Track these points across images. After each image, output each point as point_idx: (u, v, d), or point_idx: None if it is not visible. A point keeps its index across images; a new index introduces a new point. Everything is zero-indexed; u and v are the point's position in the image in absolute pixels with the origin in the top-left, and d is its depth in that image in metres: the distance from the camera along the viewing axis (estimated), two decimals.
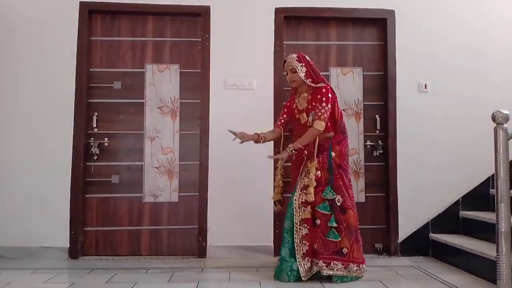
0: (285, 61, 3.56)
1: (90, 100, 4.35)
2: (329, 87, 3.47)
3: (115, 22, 4.46)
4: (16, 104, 4.22)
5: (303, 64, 3.47)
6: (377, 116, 4.50)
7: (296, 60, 3.49)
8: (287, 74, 3.55)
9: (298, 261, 3.36)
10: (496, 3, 4.56)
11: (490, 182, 4.30)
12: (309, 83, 3.47)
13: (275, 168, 3.84)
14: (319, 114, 3.37)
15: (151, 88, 4.41)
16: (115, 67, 4.41)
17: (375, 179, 4.48)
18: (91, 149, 4.27)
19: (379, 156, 4.46)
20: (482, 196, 4.32)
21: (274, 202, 3.74)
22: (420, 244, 4.32)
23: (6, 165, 4.18)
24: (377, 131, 4.49)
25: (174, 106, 4.41)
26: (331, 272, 3.33)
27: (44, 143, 4.20)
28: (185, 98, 4.42)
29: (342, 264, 3.35)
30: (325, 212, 3.37)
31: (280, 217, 4.25)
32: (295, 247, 3.39)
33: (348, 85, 4.53)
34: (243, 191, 3.90)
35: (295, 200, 3.43)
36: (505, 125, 2.75)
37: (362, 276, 3.44)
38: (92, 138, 4.31)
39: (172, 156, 4.38)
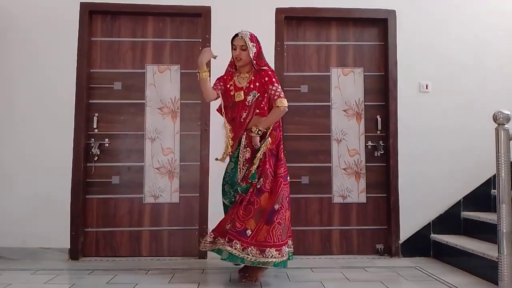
0: (236, 34, 3.47)
1: (90, 101, 4.35)
2: (271, 70, 3.49)
3: (116, 23, 4.45)
4: (16, 105, 4.22)
5: (255, 45, 3.44)
6: (378, 117, 4.49)
7: (249, 38, 3.42)
8: (235, 50, 3.44)
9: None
10: (498, 4, 4.55)
11: (491, 182, 4.28)
12: (255, 65, 3.43)
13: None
14: (277, 93, 3.34)
15: (151, 89, 4.41)
16: (115, 67, 4.41)
17: (376, 180, 4.46)
18: (92, 150, 4.27)
19: (380, 157, 4.45)
20: (483, 196, 4.31)
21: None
22: (421, 245, 4.30)
23: (7, 166, 4.18)
24: (378, 132, 4.48)
25: (175, 106, 4.41)
26: (229, 249, 3.17)
27: (45, 144, 4.19)
28: (186, 98, 4.41)
29: (241, 245, 3.18)
30: (242, 194, 3.31)
31: None
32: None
33: (349, 86, 4.52)
34: None
35: (238, 177, 3.38)
36: (506, 126, 2.76)
37: (269, 263, 3.20)
38: (93, 139, 4.31)
39: (172, 157, 4.37)
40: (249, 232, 3.21)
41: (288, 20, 4.47)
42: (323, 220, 4.41)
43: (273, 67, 4.29)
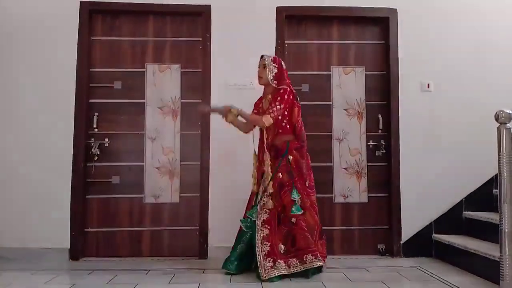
0: (262, 56, 3.70)
1: (90, 100, 4.34)
2: (289, 90, 3.60)
3: (116, 22, 4.44)
4: (16, 104, 4.21)
5: (276, 66, 3.65)
6: (379, 116, 4.47)
7: (272, 60, 3.66)
8: (258, 68, 3.70)
9: (259, 261, 3.38)
10: (500, 3, 4.53)
11: (493, 182, 4.26)
12: (274, 85, 3.61)
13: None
14: (270, 110, 3.52)
15: (151, 88, 4.40)
16: (115, 67, 4.40)
17: (377, 180, 4.45)
18: (92, 150, 4.26)
19: (381, 156, 4.43)
20: (485, 196, 4.29)
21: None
22: (423, 245, 4.28)
23: (7, 165, 4.17)
24: (380, 131, 4.47)
25: (175, 106, 4.39)
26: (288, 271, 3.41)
27: (45, 143, 4.19)
28: (186, 98, 4.40)
29: (297, 259, 3.43)
30: (298, 213, 3.49)
31: None
32: (256, 247, 3.42)
33: (350, 85, 4.51)
34: (244, 191, 3.87)
35: (258, 202, 3.53)
36: (508, 125, 2.75)
37: (323, 266, 3.55)
38: (93, 139, 4.30)
39: (173, 157, 4.36)
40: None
41: (289, 18, 4.45)
42: (325, 220, 4.37)
43: None
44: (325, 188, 4.40)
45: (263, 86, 3.74)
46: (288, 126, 3.62)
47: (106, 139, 4.32)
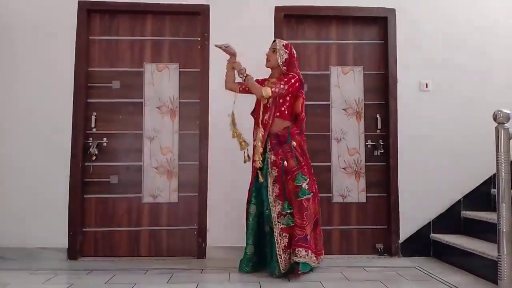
0: (275, 40, 3.72)
1: (88, 100, 4.33)
2: (298, 77, 3.60)
3: (114, 21, 4.44)
4: (14, 104, 4.21)
5: (288, 52, 3.64)
6: (378, 116, 4.47)
7: (283, 45, 3.65)
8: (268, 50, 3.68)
9: (279, 254, 3.40)
10: (498, 2, 4.53)
11: (491, 181, 4.27)
12: (284, 70, 3.62)
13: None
14: (273, 85, 3.50)
15: (150, 88, 4.39)
16: (114, 66, 4.39)
17: (376, 179, 4.45)
18: (90, 149, 4.25)
19: (380, 156, 4.43)
20: (483, 196, 4.29)
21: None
22: (421, 245, 4.29)
23: (5, 165, 4.16)
24: (378, 131, 4.46)
25: (173, 105, 4.39)
26: (297, 259, 3.40)
27: (43, 143, 4.18)
28: (184, 97, 4.40)
29: (305, 251, 3.42)
30: (308, 196, 3.48)
31: None
32: (275, 241, 3.43)
33: (348, 84, 4.51)
34: (243, 191, 3.87)
35: (270, 195, 3.49)
36: (506, 125, 2.75)
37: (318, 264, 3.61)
38: (91, 138, 4.29)
39: (171, 156, 4.36)
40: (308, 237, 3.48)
41: (287, 18, 4.45)
42: (323, 220, 4.35)
43: None
44: (323, 187, 4.39)
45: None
46: (286, 112, 3.58)
47: (104, 139, 4.32)
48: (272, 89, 3.46)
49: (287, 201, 3.45)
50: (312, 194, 3.52)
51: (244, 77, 3.53)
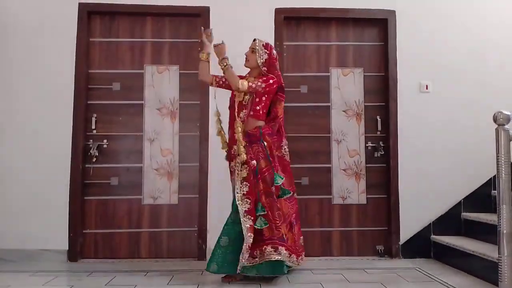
0: (255, 39, 3.62)
1: (89, 102, 4.34)
2: (276, 79, 3.55)
3: (114, 23, 4.44)
4: (15, 106, 4.21)
5: (267, 52, 3.57)
6: (378, 117, 4.47)
7: (263, 45, 3.57)
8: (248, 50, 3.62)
9: (242, 252, 3.23)
10: (497, 4, 4.53)
11: (492, 183, 4.27)
12: (264, 71, 3.54)
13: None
14: (253, 81, 3.46)
15: (150, 89, 4.40)
16: (114, 68, 4.40)
17: (376, 181, 4.45)
18: (90, 151, 4.25)
19: (380, 158, 4.43)
20: (484, 197, 4.29)
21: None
22: (421, 246, 4.28)
23: (5, 167, 4.17)
24: (378, 132, 4.47)
25: (174, 107, 4.39)
26: (279, 257, 3.26)
27: (43, 145, 4.18)
28: (185, 99, 4.40)
29: (286, 249, 3.33)
30: (289, 195, 3.46)
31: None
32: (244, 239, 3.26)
33: (348, 86, 4.51)
34: None
35: (237, 192, 3.37)
36: (506, 126, 2.74)
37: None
38: (91, 140, 4.30)
39: (171, 158, 4.36)
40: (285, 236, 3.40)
41: (287, 20, 4.46)
42: (323, 222, 4.40)
43: None
44: (323, 189, 4.41)
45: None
46: (261, 112, 3.49)
47: (105, 141, 4.32)
48: (249, 84, 3.42)
49: (260, 203, 3.33)
50: (292, 193, 3.50)
51: (225, 65, 3.45)
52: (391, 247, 4.31)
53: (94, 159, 4.28)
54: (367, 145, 4.46)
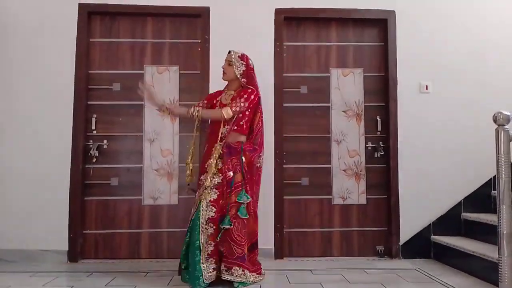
0: (230, 51, 3.61)
1: (89, 102, 4.34)
2: (256, 92, 3.56)
3: (114, 24, 4.44)
4: (15, 106, 4.21)
5: (244, 63, 3.57)
6: (378, 118, 4.47)
7: (239, 57, 3.57)
8: (224, 63, 3.62)
9: (201, 262, 3.24)
10: (497, 4, 4.53)
11: (492, 183, 4.27)
12: (243, 83, 3.56)
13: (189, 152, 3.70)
14: (233, 105, 3.45)
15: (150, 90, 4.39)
16: (114, 68, 4.40)
17: (376, 181, 4.45)
18: (90, 152, 4.25)
19: (380, 158, 4.43)
20: (484, 197, 4.29)
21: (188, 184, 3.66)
22: (421, 246, 4.28)
23: (5, 167, 4.17)
24: (378, 133, 4.47)
25: None
26: (231, 278, 3.27)
27: (43, 145, 4.18)
28: (184, 99, 4.39)
29: (242, 270, 3.30)
30: (244, 218, 3.36)
31: (281, 219, 4.24)
32: (200, 248, 3.26)
33: (348, 86, 4.51)
34: None
35: (203, 199, 3.34)
36: (506, 127, 2.74)
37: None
38: (91, 140, 4.30)
39: (171, 158, 4.36)
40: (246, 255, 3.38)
41: (287, 20, 4.46)
42: (323, 222, 4.40)
43: (272, 67, 4.31)
44: (324, 189, 4.41)
45: (262, 87, 3.72)
46: (245, 127, 3.51)
47: (105, 141, 4.32)
48: (233, 109, 3.42)
49: (228, 216, 3.30)
50: (248, 216, 3.39)
51: (196, 116, 3.49)
52: (391, 248, 4.31)
53: (94, 160, 4.28)
54: (367, 145, 4.46)
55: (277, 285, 3.38)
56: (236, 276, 3.28)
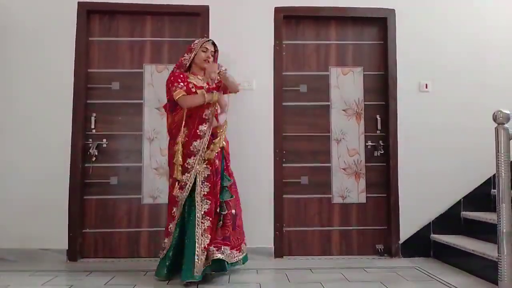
0: (208, 40, 3.70)
1: (88, 101, 4.33)
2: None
3: (114, 22, 4.44)
4: (14, 105, 4.20)
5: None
6: (377, 116, 4.47)
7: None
8: (205, 52, 3.63)
9: (197, 255, 3.27)
10: (497, 4, 4.53)
11: (491, 182, 4.27)
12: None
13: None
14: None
15: (149, 89, 4.39)
16: (113, 67, 4.39)
17: (376, 180, 4.44)
18: (90, 150, 4.25)
19: (380, 157, 4.43)
20: (483, 196, 4.29)
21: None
22: (421, 245, 4.28)
23: (5, 166, 4.16)
24: (378, 131, 4.46)
25: None
26: (222, 256, 3.33)
27: (43, 144, 4.18)
28: None
29: (230, 249, 3.44)
30: (231, 199, 3.54)
31: (280, 218, 4.24)
32: (196, 241, 3.29)
33: (348, 85, 4.50)
34: (242, 192, 3.86)
35: (197, 193, 3.38)
36: (506, 125, 2.74)
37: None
38: (91, 139, 4.29)
39: None
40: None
41: (287, 19, 4.45)
42: (323, 221, 4.39)
43: (272, 66, 4.32)
44: (323, 188, 4.40)
45: (262, 86, 3.73)
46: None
47: (104, 140, 4.32)
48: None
49: (223, 203, 3.48)
50: (233, 197, 3.58)
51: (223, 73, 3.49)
52: (391, 246, 4.31)
53: (94, 159, 4.28)
54: (366, 144, 4.46)
55: (277, 284, 3.39)
56: (224, 254, 3.37)
